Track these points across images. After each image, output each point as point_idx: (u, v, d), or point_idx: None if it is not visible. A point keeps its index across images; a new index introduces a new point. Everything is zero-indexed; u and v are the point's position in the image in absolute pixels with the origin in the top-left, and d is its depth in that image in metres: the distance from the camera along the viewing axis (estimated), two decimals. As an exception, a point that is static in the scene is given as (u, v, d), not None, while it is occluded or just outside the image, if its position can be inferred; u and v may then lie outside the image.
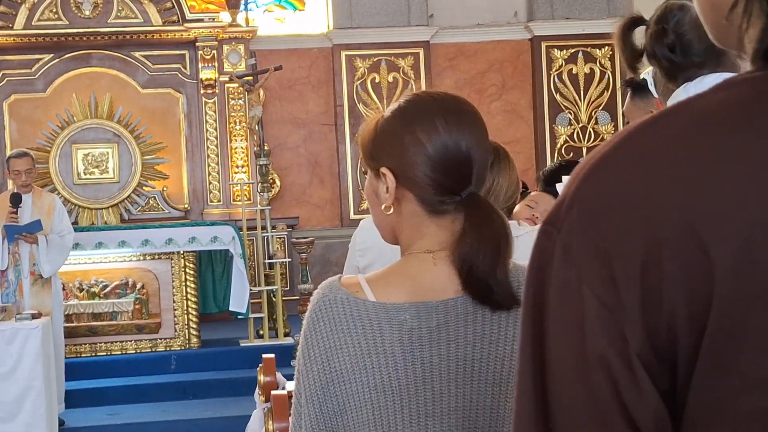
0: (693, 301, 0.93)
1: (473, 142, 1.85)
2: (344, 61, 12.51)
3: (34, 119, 11.95)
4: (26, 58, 11.95)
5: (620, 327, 0.95)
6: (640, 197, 0.95)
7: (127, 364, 9.45)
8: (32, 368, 7.40)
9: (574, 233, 0.98)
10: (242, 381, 8.59)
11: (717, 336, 0.93)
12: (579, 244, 0.97)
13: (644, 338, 0.95)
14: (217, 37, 11.92)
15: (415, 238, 1.88)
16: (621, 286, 0.95)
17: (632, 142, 0.99)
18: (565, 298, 0.98)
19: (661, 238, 0.93)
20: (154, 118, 12.09)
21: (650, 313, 0.94)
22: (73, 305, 9.55)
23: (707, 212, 0.92)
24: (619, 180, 0.97)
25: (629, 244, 0.94)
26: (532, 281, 1.02)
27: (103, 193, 11.89)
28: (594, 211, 0.97)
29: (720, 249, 0.92)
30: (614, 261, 0.95)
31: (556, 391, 0.99)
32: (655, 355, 0.95)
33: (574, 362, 0.97)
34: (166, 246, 9.63)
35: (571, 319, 0.97)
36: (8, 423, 7.34)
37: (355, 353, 1.79)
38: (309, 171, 12.57)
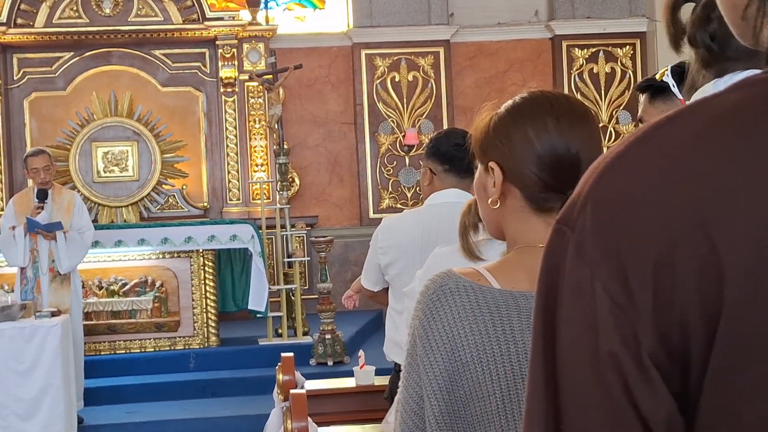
0: (705, 304, 0.92)
1: (583, 143, 1.86)
2: (364, 60, 12.49)
3: (54, 117, 11.98)
4: (47, 57, 11.99)
5: (633, 327, 0.94)
6: (653, 198, 0.94)
7: (145, 362, 9.45)
8: (51, 366, 7.41)
9: (587, 232, 0.97)
10: (261, 380, 8.59)
11: (728, 339, 0.92)
12: (592, 243, 0.96)
13: (656, 339, 0.94)
14: (237, 35, 11.92)
15: (522, 232, 1.90)
16: (633, 287, 0.94)
17: (647, 141, 0.98)
18: (578, 297, 0.97)
19: (674, 239, 0.92)
20: (174, 117, 12.11)
21: (662, 314, 0.94)
22: (93, 303, 9.56)
23: (719, 214, 0.91)
24: (633, 179, 0.96)
25: (642, 244, 0.94)
26: (545, 281, 1.01)
27: (122, 191, 11.91)
28: (607, 210, 0.96)
29: (732, 251, 0.91)
30: (626, 261, 0.94)
31: (567, 391, 0.98)
32: (668, 356, 0.94)
33: (587, 361, 0.96)
34: (185, 244, 9.64)
35: (583, 317, 0.97)
36: (27, 420, 7.35)
37: (483, 341, 1.77)
38: (328, 170, 12.56)
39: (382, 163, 12.45)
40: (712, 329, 0.92)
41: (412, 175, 12.33)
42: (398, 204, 12.18)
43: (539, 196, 1.87)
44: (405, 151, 12.41)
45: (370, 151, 12.43)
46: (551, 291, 1.00)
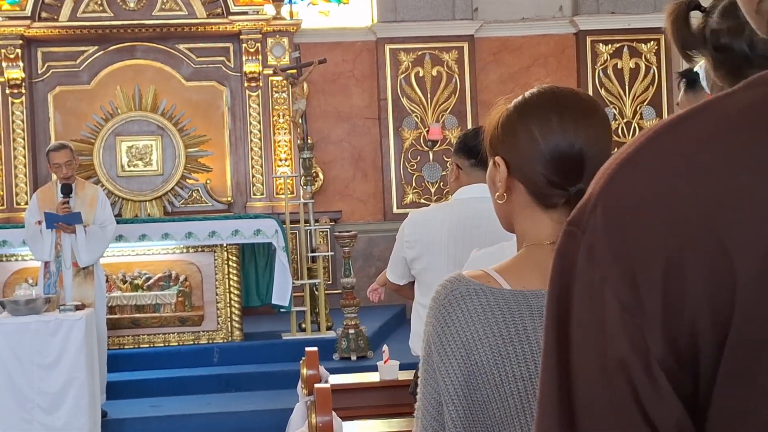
0: (716, 309, 0.91)
1: (588, 139, 1.86)
2: (388, 55, 12.46)
3: (78, 111, 12.01)
4: (71, 50, 12.02)
5: (642, 332, 0.93)
6: (664, 202, 0.93)
7: (169, 356, 9.46)
8: (75, 360, 7.42)
9: (597, 235, 0.96)
10: (284, 374, 8.60)
11: (739, 345, 0.90)
12: (602, 246, 0.95)
13: (666, 344, 0.93)
14: (261, 30, 11.92)
15: (530, 228, 1.91)
16: (643, 291, 0.93)
17: (658, 142, 0.96)
18: (588, 301, 0.96)
19: (684, 243, 0.91)
20: (198, 111, 12.12)
21: (672, 319, 0.92)
22: (117, 297, 9.58)
23: (731, 219, 0.90)
24: (643, 182, 0.94)
25: (652, 249, 0.92)
26: (557, 283, 1.00)
27: (146, 185, 11.93)
28: (617, 212, 0.95)
29: (743, 256, 0.89)
30: (637, 265, 0.93)
31: (579, 395, 0.97)
32: (677, 361, 0.93)
33: (597, 366, 0.96)
34: (209, 239, 9.63)
35: (594, 322, 0.96)
36: (51, 414, 7.37)
37: (497, 343, 1.77)
38: (352, 165, 12.54)
39: (405, 158, 12.42)
40: (722, 335, 0.91)
41: (436, 171, 12.30)
42: (422, 199, 12.16)
43: (543, 192, 1.87)
44: (429, 146, 12.38)
45: (394, 146, 12.41)
46: (563, 293, 0.99)
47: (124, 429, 8.19)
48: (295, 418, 5.38)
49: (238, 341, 9.64)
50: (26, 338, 7.41)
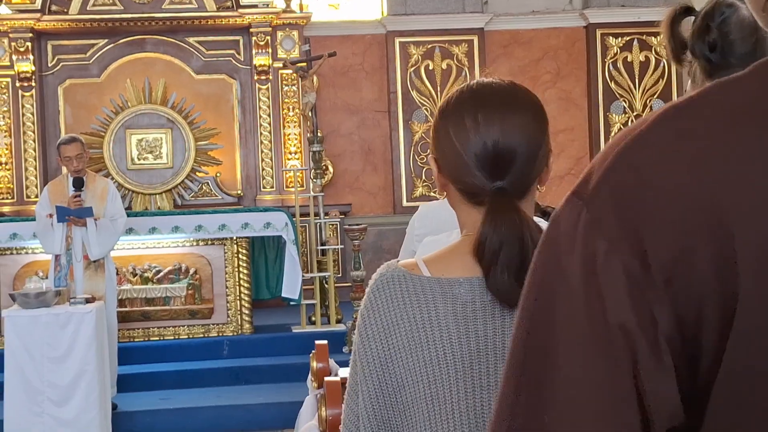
0: (721, 296, 0.90)
1: (506, 134, 1.87)
2: (398, 48, 12.45)
3: (88, 104, 12.02)
4: (81, 43, 12.03)
5: (650, 305, 0.92)
6: (674, 183, 0.93)
7: (179, 349, 9.48)
8: (86, 352, 7.43)
9: (606, 210, 0.95)
10: (294, 367, 8.60)
11: (742, 335, 0.90)
12: (610, 220, 0.95)
13: (674, 322, 0.92)
14: (271, 23, 11.91)
15: (466, 221, 1.94)
16: (654, 267, 0.92)
17: (670, 125, 0.96)
18: (585, 268, 0.95)
19: (693, 227, 0.91)
20: (208, 104, 12.12)
21: (681, 297, 0.92)
22: (127, 290, 9.59)
23: (736, 204, 0.90)
24: (654, 162, 0.94)
25: (662, 230, 0.92)
26: (548, 249, 0.99)
27: (156, 178, 11.94)
28: (627, 190, 0.95)
29: (745, 243, 0.90)
30: (647, 241, 0.93)
31: (562, 364, 0.95)
32: (682, 342, 0.93)
33: (591, 333, 0.94)
34: (219, 232, 9.64)
35: (592, 290, 0.94)
36: (62, 406, 7.38)
37: (411, 328, 1.81)
38: (362, 158, 12.54)
39: (415, 152, 12.41)
40: (727, 322, 0.90)
41: (446, 164, 12.29)
42: (432, 192, 12.15)
43: (467, 190, 1.90)
44: (439, 139, 12.36)
45: (404, 139, 12.40)
46: (554, 259, 0.98)
47: (134, 421, 8.20)
48: (305, 411, 5.37)
49: (248, 334, 9.65)
50: (37, 331, 7.42)
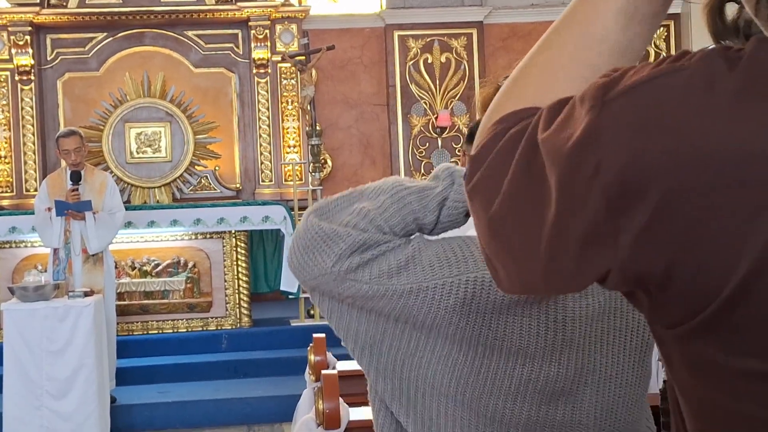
0: (697, 245, 0.92)
1: None
2: (397, 42, 12.44)
3: (87, 98, 12.02)
4: (80, 37, 12.02)
5: (616, 238, 0.94)
6: (690, 128, 0.92)
7: (178, 342, 9.49)
8: (84, 346, 7.44)
9: (613, 121, 0.95)
10: (292, 360, 8.61)
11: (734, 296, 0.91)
12: (612, 138, 0.94)
13: (633, 261, 0.94)
14: (269, 16, 11.90)
15: None
16: (633, 205, 0.93)
17: (706, 72, 0.95)
18: (570, 170, 0.96)
19: (710, 176, 0.91)
20: (207, 98, 12.12)
21: (648, 243, 0.93)
22: (125, 283, 9.60)
23: (757, 174, 0.90)
24: (679, 100, 0.94)
25: (666, 170, 0.92)
26: (548, 120, 1.01)
27: (155, 172, 11.94)
28: (646, 118, 0.94)
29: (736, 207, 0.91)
30: (640, 178, 0.93)
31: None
32: (639, 280, 0.96)
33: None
34: (217, 225, 9.65)
35: (567, 201, 0.96)
36: (60, 400, 7.39)
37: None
38: (361, 151, 12.54)
39: (414, 145, 12.41)
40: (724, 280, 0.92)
41: (445, 157, 12.28)
42: (430, 186, 12.13)
43: None
44: (437, 133, 12.36)
45: (403, 132, 12.39)
46: (552, 138, 0.99)
47: (132, 415, 8.21)
48: (303, 404, 5.38)
49: (247, 327, 9.66)
50: (35, 324, 7.43)
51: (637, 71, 0.98)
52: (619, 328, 1.73)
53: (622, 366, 1.73)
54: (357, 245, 1.66)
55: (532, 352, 1.65)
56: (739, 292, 0.91)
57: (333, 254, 1.66)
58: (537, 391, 1.66)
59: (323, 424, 4.08)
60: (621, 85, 0.97)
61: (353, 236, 1.65)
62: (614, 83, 0.98)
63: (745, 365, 0.93)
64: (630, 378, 1.74)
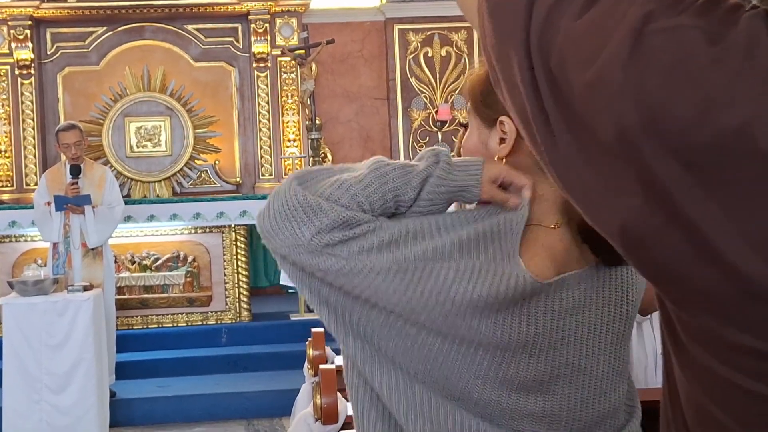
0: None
1: None
2: (397, 35, 12.43)
3: (87, 92, 12.01)
4: (80, 31, 12.01)
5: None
6: (727, 92, 0.91)
7: (177, 336, 9.49)
8: (84, 340, 7.43)
9: (644, 63, 0.94)
10: (292, 354, 8.61)
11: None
12: (639, 80, 0.94)
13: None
14: (269, 10, 11.89)
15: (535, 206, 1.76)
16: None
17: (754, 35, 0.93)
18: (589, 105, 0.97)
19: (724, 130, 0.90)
20: (207, 92, 12.11)
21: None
22: (125, 278, 9.60)
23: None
24: (717, 61, 0.92)
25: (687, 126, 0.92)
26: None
27: (155, 166, 11.93)
28: (679, 66, 0.93)
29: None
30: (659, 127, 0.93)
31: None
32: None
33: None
34: (217, 219, 9.65)
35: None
36: (59, 394, 7.39)
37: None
38: (361, 145, 12.53)
39: (414, 139, 12.40)
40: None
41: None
42: (431, 180, 12.13)
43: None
44: (438, 126, 12.35)
45: (403, 126, 12.38)
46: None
47: (131, 409, 8.22)
48: (302, 398, 5.38)
49: (246, 322, 9.67)
50: (34, 318, 7.42)
51: (686, 8, 0.96)
52: (594, 322, 1.72)
53: (597, 359, 1.73)
54: (339, 221, 1.63)
55: (505, 345, 1.63)
56: None
57: (313, 227, 1.63)
58: (507, 379, 1.65)
59: (321, 418, 4.08)
60: (665, 20, 0.95)
61: (337, 212, 1.63)
62: (659, 14, 0.96)
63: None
64: (605, 370, 1.74)
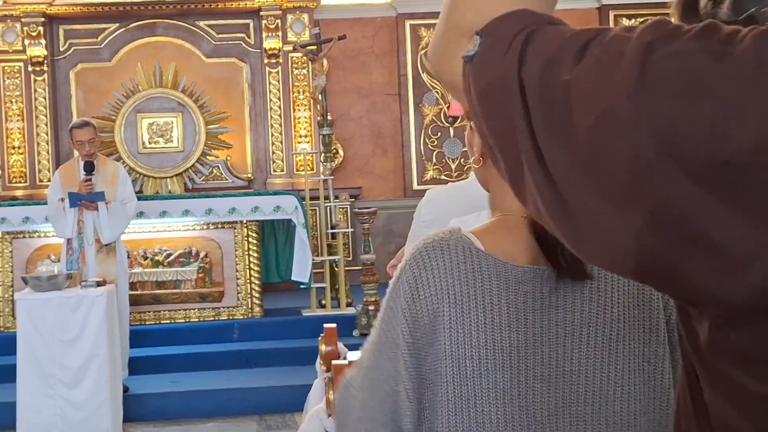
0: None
1: None
2: (408, 31, 12.43)
3: (100, 88, 12.05)
4: (92, 28, 12.05)
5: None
6: (743, 102, 0.91)
7: (190, 332, 9.52)
8: (97, 335, 7.47)
9: (656, 87, 0.94)
10: (304, 350, 8.62)
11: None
12: (654, 103, 0.94)
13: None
14: (281, 6, 11.91)
15: (505, 197, 1.80)
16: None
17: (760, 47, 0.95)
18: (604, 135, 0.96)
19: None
20: (218, 88, 12.14)
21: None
22: (138, 273, 9.63)
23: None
24: (730, 75, 0.93)
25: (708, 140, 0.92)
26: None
27: (167, 162, 11.97)
28: (694, 85, 0.93)
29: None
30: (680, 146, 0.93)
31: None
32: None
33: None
34: (229, 215, 9.67)
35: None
36: (73, 389, 7.43)
37: (463, 300, 1.73)
38: (372, 141, 12.54)
39: (426, 135, 12.41)
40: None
41: (457, 147, 12.28)
42: (442, 175, 12.15)
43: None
44: (449, 122, 12.36)
45: (414, 122, 12.39)
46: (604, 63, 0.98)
47: (144, 404, 8.25)
48: (314, 394, 5.39)
49: (258, 317, 9.68)
50: (48, 314, 7.46)
51: (684, 35, 0.97)
52: (572, 322, 1.74)
53: (578, 362, 1.73)
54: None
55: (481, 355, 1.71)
56: None
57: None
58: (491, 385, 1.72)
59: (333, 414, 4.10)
60: (668, 47, 0.96)
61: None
62: (659, 43, 0.97)
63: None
64: (589, 374, 1.74)
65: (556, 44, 1.03)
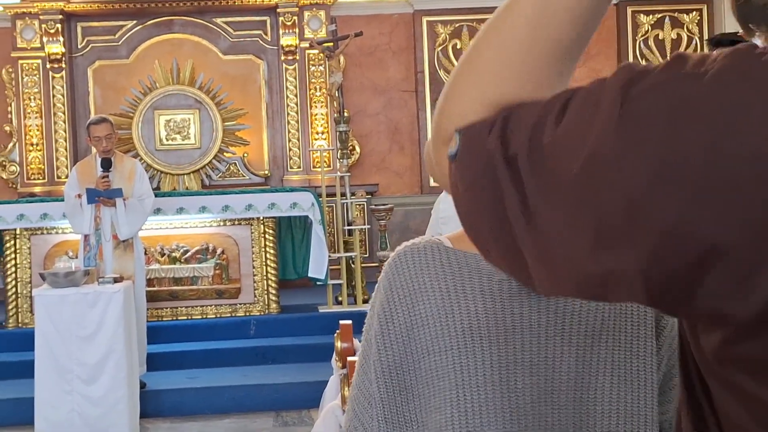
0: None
1: None
2: (425, 27, 12.42)
3: (117, 85, 12.08)
4: (110, 25, 12.08)
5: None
6: (733, 122, 0.90)
7: (206, 328, 9.54)
8: (114, 331, 7.50)
9: (642, 120, 0.93)
10: (320, 347, 8.63)
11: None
12: (643, 135, 0.93)
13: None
14: (297, 3, 11.92)
15: None
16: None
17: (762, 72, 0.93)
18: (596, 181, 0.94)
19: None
20: (235, 85, 12.15)
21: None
22: (155, 270, 9.66)
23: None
24: (715, 96, 0.92)
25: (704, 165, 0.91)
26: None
27: (184, 158, 11.99)
28: (680, 111, 0.92)
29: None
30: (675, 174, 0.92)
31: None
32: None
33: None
34: (246, 212, 9.68)
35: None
36: (91, 385, 7.46)
37: (442, 296, 1.76)
38: (389, 138, 12.54)
39: (442, 131, 12.38)
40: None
41: (473, 144, 12.26)
42: (459, 172, 12.12)
43: None
44: (466, 119, 12.33)
45: (431, 119, 12.37)
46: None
47: (161, 400, 8.28)
48: (330, 390, 5.40)
49: (275, 314, 9.70)
50: (66, 310, 7.50)
51: (655, 70, 0.97)
52: (554, 311, 1.75)
53: (560, 350, 1.74)
54: None
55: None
56: None
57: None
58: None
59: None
60: (645, 81, 0.96)
61: None
62: (637, 79, 0.97)
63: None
64: (572, 362, 1.74)
65: (537, 112, 1.02)
